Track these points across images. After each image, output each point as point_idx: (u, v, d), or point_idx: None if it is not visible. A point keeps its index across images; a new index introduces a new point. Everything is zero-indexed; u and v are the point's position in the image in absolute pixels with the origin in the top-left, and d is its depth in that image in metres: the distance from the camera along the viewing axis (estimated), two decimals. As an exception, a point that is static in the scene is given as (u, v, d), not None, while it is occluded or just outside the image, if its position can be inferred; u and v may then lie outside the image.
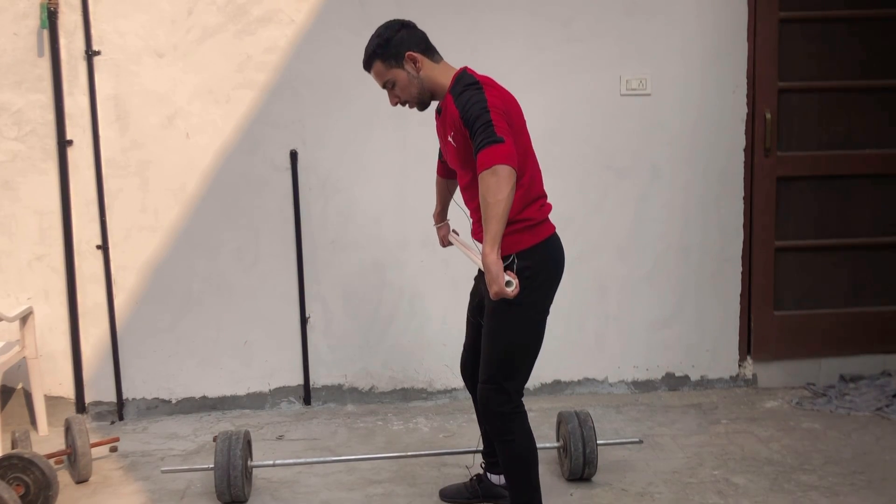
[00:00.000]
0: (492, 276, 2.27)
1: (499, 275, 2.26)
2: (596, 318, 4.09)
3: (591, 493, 3.08)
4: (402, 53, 2.56)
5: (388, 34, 2.57)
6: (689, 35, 3.96)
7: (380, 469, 3.30)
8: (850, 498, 3.00)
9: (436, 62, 2.60)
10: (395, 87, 2.61)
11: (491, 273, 2.26)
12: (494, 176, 2.27)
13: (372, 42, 2.59)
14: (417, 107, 2.67)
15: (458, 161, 2.60)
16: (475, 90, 2.43)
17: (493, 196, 2.27)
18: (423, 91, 2.61)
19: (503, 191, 2.26)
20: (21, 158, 3.76)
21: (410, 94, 2.61)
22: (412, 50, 2.56)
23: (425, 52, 2.59)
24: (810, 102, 4.06)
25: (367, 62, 2.62)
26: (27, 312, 3.64)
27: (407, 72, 2.57)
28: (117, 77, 3.77)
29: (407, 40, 2.57)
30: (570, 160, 3.95)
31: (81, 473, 3.23)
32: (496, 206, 2.26)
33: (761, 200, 4.05)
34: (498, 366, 2.55)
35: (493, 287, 2.27)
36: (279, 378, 4.00)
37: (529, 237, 2.53)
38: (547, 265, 2.57)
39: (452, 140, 2.55)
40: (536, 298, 2.54)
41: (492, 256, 2.26)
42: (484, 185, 2.29)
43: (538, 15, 3.90)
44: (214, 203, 3.87)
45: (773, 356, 4.16)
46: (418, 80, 2.58)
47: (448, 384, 4.05)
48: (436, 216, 3.09)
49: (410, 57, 2.56)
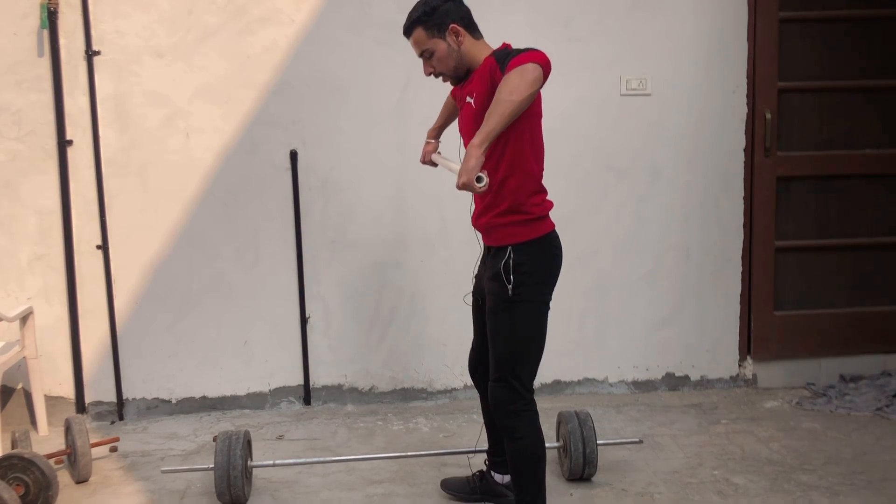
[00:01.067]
0: (467, 166, 2.19)
1: (475, 168, 2.19)
2: (596, 318, 4.09)
3: (591, 493, 3.08)
4: (446, 24, 2.53)
5: (435, 3, 2.54)
6: (689, 35, 3.96)
7: (380, 469, 3.30)
8: (850, 498, 3.00)
9: (476, 39, 2.58)
10: (432, 58, 2.58)
11: (469, 163, 2.19)
12: (520, 76, 2.22)
13: (417, 8, 2.56)
14: (451, 81, 2.64)
15: (472, 123, 2.53)
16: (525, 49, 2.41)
17: (508, 93, 2.21)
18: (460, 65, 2.58)
19: (522, 93, 2.21)
20: (21, 158, 3.76)
21: (447, 66, 2.58)
22: (456, 22, 2.54)
23: (468, 27, 2.57)
24: (810, 102, 4.06)
25: (409, 28, 2.57)
26: (27, 312, 3.64)
27: (448, 43, 2.54)
28: (117, 77, 3.77)
29: (453, 11, 2.55)
30: (570, 160, 3.95)
31: (81, 473, 3.23)
32: (506, 105, 2.20)
33: (761, 200, 4.05)
34: (504, 363, 2.56)
35: (463, 177, 2.19)
36: (279, 378, 4.00)
37: (527, 231, 2.52)
38: (543, 261, 2.56)
39: (473, 101, 2.51)
40: (534, 294, 2.54)
41: (478, 150, 2.19)
42: (505, 82, 2.23)
43: (538, 15, 3.90)
44: (214, 203, 3.87)
45: (773, 356, 4.16)
46: (457, 54, 2.55)
47: (448, 384, 4.05)
48: (430, 131, 3.03)
49: (454, 29, 2.53)
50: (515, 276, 2.48)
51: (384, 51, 3.84)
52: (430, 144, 3.03)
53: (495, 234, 2.58)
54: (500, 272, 2.50)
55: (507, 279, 2.49)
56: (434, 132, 3.04)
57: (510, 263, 2.49)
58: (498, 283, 2.52)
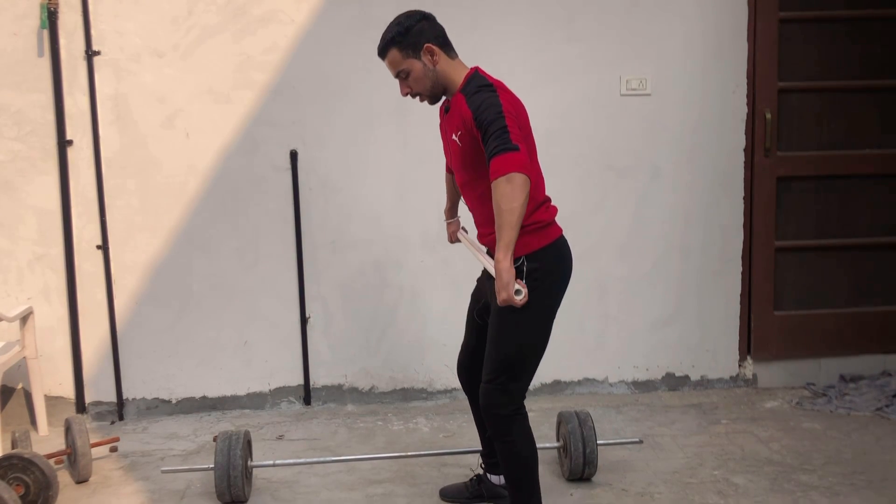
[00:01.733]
0: (502, 283, 2.28)
1: (510, 283, 2.28)
2: (596, 318, 4.09)
3: (591, 493, 3.08)
4: (420, 44, 2.54)
5: (409, 23, 2.55)
6: (689, 35, 3.96)
7: (380, 469, 3.30)
8: (850, 498, 3.00)
9: (451, 58, 2.59)
10: (408, 78, 2.58)
11: (502, 280, 2.28)
12: (510, 184, 2.27)
13: (391, 29, 2.56)
14: (428, 100, 2.65)
15: (460, 161, 2.60)
16: (489, 92, 2.43)
17: (507, 204, 2.27)
18: (436, 85, 2.58)
19: (518, 199, 2.27)
20: (21, 158, 3.76)
21: (423, 86, 2.59)
22: (431, 42, 2.54)
23: (443, 47, 2.57)
24: (810, 102, 4.05)
25: (384, 49, 2.58)
26: (27, 312, 3.64)
27: (423, 63, 2.55)
28: (117, 77, 3.77)
29: (427, 31, 2.55)
30: (570, 160, 3.95)
31: (81, 473, 3.23)
32: (510, 214, 2.27)
33: (761, 200, 4.05)
34: (503, 366, 2.55)
35: (503, 294, 2.29)
36: (279, 378, 4.00)
37: (538, 239, 2.53)
38: (556, 267, 2.57)
39: (458, 139, 2.53)
40: (545, 300, 2.54)
41: (505, 263, 2.28)
42: (499, 193, 2.29)
43: (538, 15, 3.90)
44: (214, 203, 3.87)
45: (773, 356, 4.16)
46: (433, 74, 2.56)
47: (448, 384, 4.05)
48: (446, 212, 3.09)
49: (428, 49, 2.54)
50: (528, 281, 2.48)
51: (384, 51, 3.84)
52: (452, 224, 3.09)
53: None
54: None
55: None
56: (448, 213, 3.09)
57: (523, 269, 2.49)
58: None
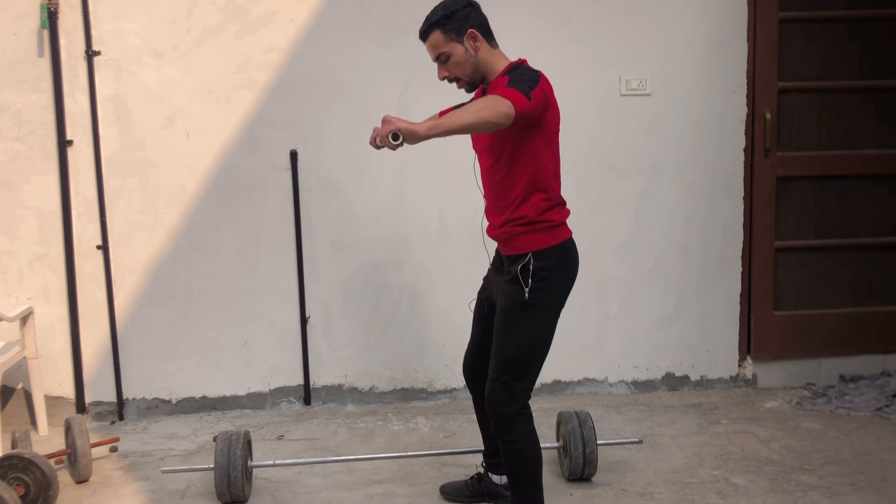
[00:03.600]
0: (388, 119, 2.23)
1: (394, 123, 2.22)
2: (596, 318, 4.09)
3: (591, 493, 3.09)
4: (464, 28, 2.53)
5: (455, 7, 2.54)
6: (688, 35, 3.96)
7: (380, 469, 3.30)
8: (850, 498, 3.00)
9: (493, 47, 2.59)
10: (448, 61, 2.57)
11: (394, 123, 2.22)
12: (492, 103, 2.26)
13: (436, 11, 2.55)
14: (466, 87, 2.63)
15: (485, 143, 2.57)
16: (534, 73, 2.47)
17: (473, 113, 2.25)
18: (476, 71, 2.58)
19: (482, 117, 2.25)
20: (21, 158, 3.76)
21: (464, 71, 2.57)
22: (475, 28, 2.54)
23: (485, 35, 2.57)
24: (810, 102, 4.06)
25: (426, 31, 2.57)
26: (27, 312, 3.64)
27: (465, 48, 2.54)
28: (117, 77, 3.77)
29: (472, 17, 2.55)
30: (570, 160, 3.92)
31: (81, 473, 3.23)
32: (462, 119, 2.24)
33: (761, 200, 4.05)
34: (508, 365, 2.55)
35: (386, 127, 2.22)
36: (279, 378, 4.00)
37: (547, 238, 2.53)
38: (562, 268, 2.57)
39: None
40: (550, 300, 2.55)
41: (422, 128, 2.23)
42: (480, 100, 2.29)
43: (538, 15, 3.90)
44: (214, 203, 3.87)
45: (773, 356, 4.16)
46: (474, 59, 2.56)
47: (448, 384, 4.05)
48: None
49: (472, 34, 2.54)
50: (534, 280, 2.48)
51: (384, 51, 3.84)
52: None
53: (515, 243, 2.57)
54: (518, 275, 2.51)
55: (525, 282, 2.50)
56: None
57: (530, 267, 2.49)
58: (515, 285, 2.52)
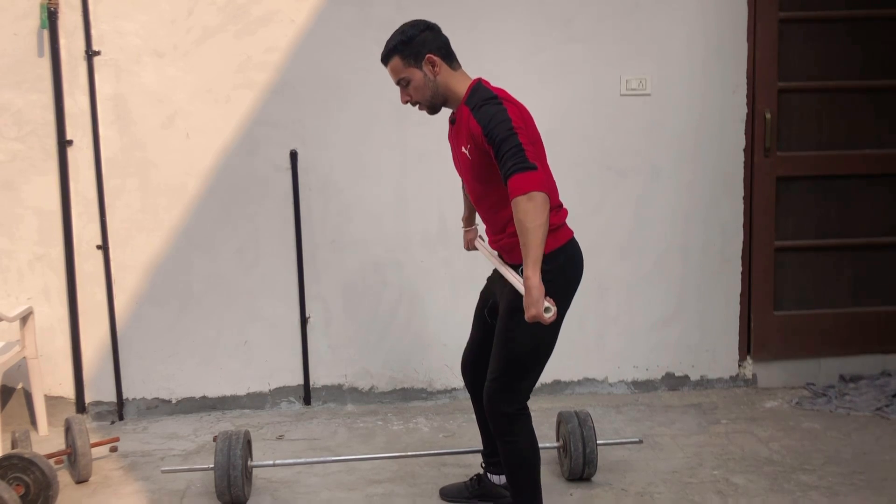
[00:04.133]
0: (532, 300, 2.27)
1: (539, 299, 2.27)
2: (596, 318, 4.09)
3: (590, 493, 3.09)
4: (422, 54, 2.55)
5: (412, 32, 2.56)
6: (689, 35, 3.96)
7: (380, 469, 3.30)
8: (850, 498, 3.00)
9: (454, 69, 2.60)
10: (408, 86, 2.60)
11: (532, 297, 2.27)
12: (532, 202, 2.29)
13: (394, 37, 2.58)
14: (427, 110, 2.66)
15: (470, 173, 2.61)
16: (495, 105, 2.44)
17: (531, 222, 2.29)
18: (436, 95, 2.60)
19: (541, 216, 2.29)
20: (21, 158, 3.76)
21: (423, 95, 2.60)
22: (433, 53, 2.55)
23: (445, 58, 2.58)
24: (810, 102, 4.05)
25: (386, 56, 2.60)
26: (27, 312, 3.64)
27: (424, 73, 2.56)
28: (117, 77, 3.77)
29: (430, 41, 2.56)
30: (570, 160, 3.95)
31: (81, 473, 3.23)
32: (536, 232, 2.28)
33: (761, 200, 4.05)
34: (510, 366, 2.55)
35: (532, 310, 2.28)
36: (279, 378, 4.00)
37: (550, 241, 2.51)
38: (566, 269, 2.58)
39: (468, 153, 2.54)
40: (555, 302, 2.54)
41: (534, 280, 2.27)
42: (521, 211, 2.30)
43: (538, 15, 3.90)
44: (214, 203, 3.87)
45: (773, 356, 4.16)
46: (433, 84, 2.57)
47: (448, 384, 4.05)
48: (464, 220, 3.10)
49: (430, 59, 2.55)
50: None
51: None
52: (470, 232, 3.09)
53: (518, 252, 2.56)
54: (521, 278, 2.50)
55: None
56: (466, 221, 3.09)
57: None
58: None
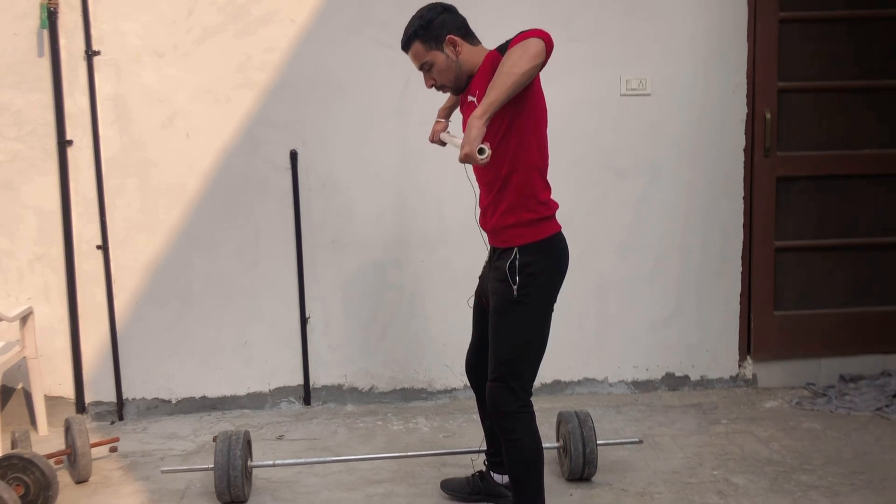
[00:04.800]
0: (469, 137, 2.20)
1: (477, 138, 2.19)
2: (596, 318, 4.09)
3: (591, 492, 3.09)
4: (442, 36, 2.54)
5: (431, 16, 2.56)
6: (689, 35, 3.96)
7: (380, 469, 3.30)
8: (850, 498, 3.00)
9: (474, 45, 2.60)
10: (431, 70, 2.59)
11: (470, 134, 2.20)
12: (523, 49, 2.23)
13: (413, 23, 2.57)
14: (452, 91, 2.65)
15: None
16: None
17: (510, 66, 2.22)
18: (460, 75, 2.59)
19: (523, 65, 2.22)
20: (21, 158, 3.76)
21: (448, 77, 2.59)
22: (453, 33, 2.55)
23: (465, 37, 2.58)
24: (810, 102, 4.06)
25: (407, 43, 2.59)
26: (27, 312, 3.64)
27: (446, 55, 2.56)
28: (117, 77, 3.77)
29: (449, 22, 2.56)
30: (570, 160, 3.95)
31: (81, 473, 3.23)
32: (508, 76, 2.22)
33: (761, 200, 4.05)
34: (504, 364, 2.55)
35: (465, 148, 2.20)
36: (279, 378, 4.00)
37: (534, 232, 2.52)
38: (550, 262, 2.56)
39: (475, 99, 2.52)
40: (540, 295, 2.54)
41: (480, 121, 2.20)
42: (508, 56, 2.25)
43: (538, 15, 3.89)
44: (214, 203, 3.88)
45: (773, 356, 4.16)
46: (456, 65, 2.57)
47: (448, 384, 4.05)
48: (440, 110, 3.02)
49: (451, 40, 2.55)
50: (521, 276, 2.48)
51: (384, 51, 3.84)
52: (440, 123, 3.02)
53: (502, 236, 2.58)
54: (506, 272, 2.50)
55: (513, 280, 2.49)
56: (444, 111, 3.03)
57: (516, 264, 2.49)
58: (503, 283, 2.52)
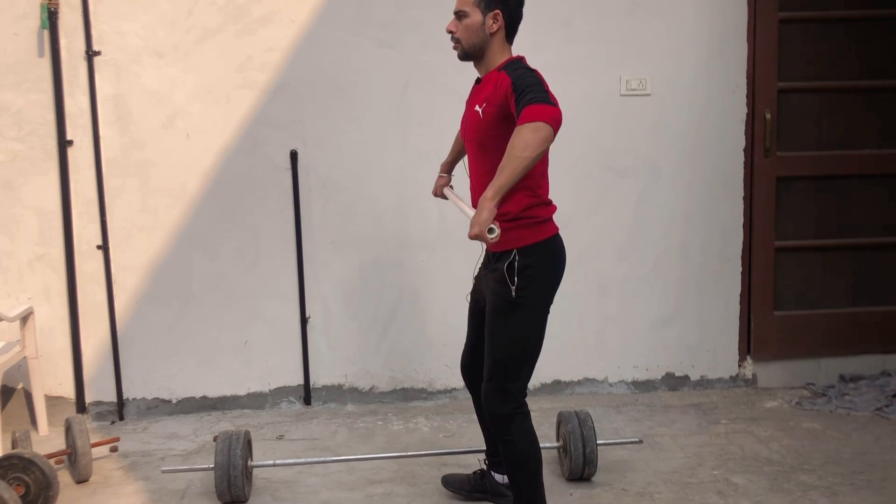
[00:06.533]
0: (479, 219, 2.23)
1: (487, 220, 2.22)
2: (596, 318, 4.09)
3: (591, 493, 3.09)
4: (493, 4, 2.55)
5: None
6: (689, 35, 3.96)
7: (380, 469, 3.30)
8: (850, 498, 3.00)
9: (506, 42, 2.61)
10: (462, 20, 2.59)
11: (481, 215, 2.23)
12: (534, 132, 2.24)
13: None
14: (460, 54, 2.65)
15: (474, 133, 2.59)
16: (534, 76, 2.45)
17: (521, 150, 2.24)
18: (478, 47, 2.59)
19: (534, 149, 2.24)
20: (21, 158, 3.76)
21: (469, 38, 2.59)
22: (503, 14, 2.56)
23: (507, 26, 2.59)
24: (810, 102, 4.06)
25: None
26: (27, 312, 3.64)
27: (483, 20, 2.56)
28: (117, 77, 3.77)
29: (508, 4, 2.57)
30: (570, 160, 3.95)
31: (81, 473, 3.23)
32: (518, 161, 2.24)
33: (761, 200, 4.05)
34: (499, 365, 2.56)
35: (475, 228, 2.23)
36: (279, 378, 4.00)
37: (532, 234, 2.53)
38: (548, 264, 2.56)
39: (481, 111, 2.53)
40: (537, 297, 2.54)
41: (490, 203, 2.23)
42: (518, 136, 2.25)
43: (538, 15, 3.88)
44: (214, 203, 3.88)
45: (773, 356, 4.16)
46: (483, 36, 2.57)
47: (448, 384, 4.05)
48: (443, 165, 3.07)
49: (495, 15, 2.56)
50: (520, 278, 2.48)
51: (384, 51, 3.84)
52: (443, 178, 3.07)
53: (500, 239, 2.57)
54: (504, 274, 2.50)
55: (511, 281, 2.49)
56: (446, 166, 3.08)
57: (515, 266, 2.49)
58: (501, 284, 2.52)
